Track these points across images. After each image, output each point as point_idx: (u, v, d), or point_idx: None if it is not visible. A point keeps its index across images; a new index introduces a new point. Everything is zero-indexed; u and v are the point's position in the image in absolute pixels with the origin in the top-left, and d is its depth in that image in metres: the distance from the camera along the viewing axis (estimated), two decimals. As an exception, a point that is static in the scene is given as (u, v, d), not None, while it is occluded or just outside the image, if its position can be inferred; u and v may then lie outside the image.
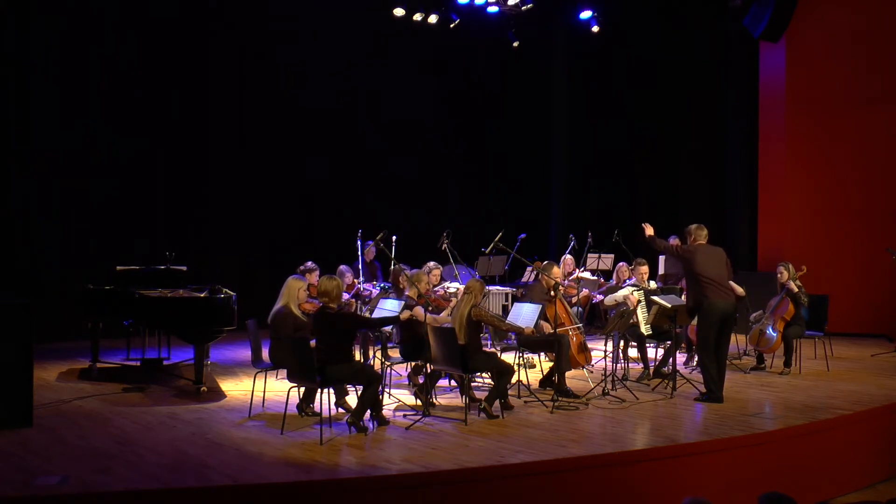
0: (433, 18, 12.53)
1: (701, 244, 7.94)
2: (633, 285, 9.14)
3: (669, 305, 8.19)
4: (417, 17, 12.39)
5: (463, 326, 7.18)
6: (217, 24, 12.44)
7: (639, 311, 8.78)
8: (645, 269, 9.33)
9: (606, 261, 12.00)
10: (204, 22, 12.31)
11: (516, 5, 12.40)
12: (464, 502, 5.59)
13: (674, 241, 11.42)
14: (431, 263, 9.47)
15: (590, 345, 9.18)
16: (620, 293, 8.93)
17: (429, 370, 7.46)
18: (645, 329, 8.84)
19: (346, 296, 8.98)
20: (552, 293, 8.14)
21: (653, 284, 9.59)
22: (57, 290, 10.85)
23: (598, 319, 12.03)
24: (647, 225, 8.22)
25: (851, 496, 6.82)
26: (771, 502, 3.54)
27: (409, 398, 7.77)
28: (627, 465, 6.01)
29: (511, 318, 7.85)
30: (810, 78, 12.86)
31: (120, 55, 11.57)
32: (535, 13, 12.84)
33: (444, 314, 7.82)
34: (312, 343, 6.65)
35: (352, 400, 7.12)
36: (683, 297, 8.47)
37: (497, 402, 7.20)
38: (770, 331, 9.26)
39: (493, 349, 9.06)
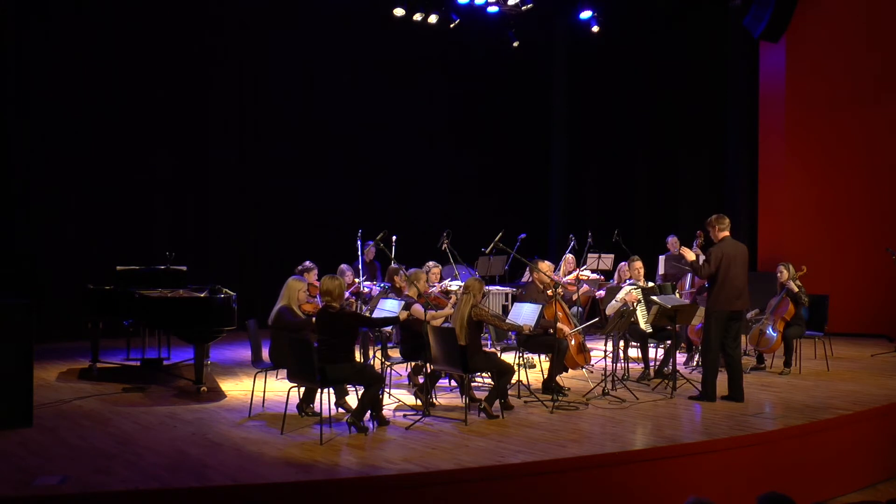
0: (433, 18, 12.53)
1: (727, 238, 7.73)
2: (631, 284, 9.14)
3: (669, 306, 8.18)
4: (417, 17, 12.40)
5: (464, 327, 7.17)
6: (218, 23, 12.44)
7: (638, 309, 8.76)
8: (639, 264, 9.26)
9: (606, 261, 12.00)
10: (205, 22, 12.30)
11: (516, 5, 12.40)
12: (464, 502, 5.58)
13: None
14: (431, 263, 9.50)
15: (590, 345, 9.17)
16: (619, 296, 8.90)
17: (429, 370, 7.46)
18: (646, 327, 8.83)
19: (346, 294, 8.98)
20: (549, 291, 8.13)
21: (650, 284, 9.57)
22: (57, 290, 10.87)
23: (598, 319, 12.02)
24: (687, 250, 7.97)
25: (851, 496, 6.81)
26: (770, 502, 3.53)
27: (409, 398, 7.77)
28: (627, 465, 6.00)
29: (511, 318, 7.85)
30: (810, 78, 12.87)
31: (120, 55, 11.58)
32: (535, 13, 12.85)
33: (446, 309, 7.82)
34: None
35: (352, 400, 7.12)
36: (684, 298, 8.45)
37: (497, 402, 7.20)
38: (770, 331, 9.25)
39: (493, 349, 9.06)
